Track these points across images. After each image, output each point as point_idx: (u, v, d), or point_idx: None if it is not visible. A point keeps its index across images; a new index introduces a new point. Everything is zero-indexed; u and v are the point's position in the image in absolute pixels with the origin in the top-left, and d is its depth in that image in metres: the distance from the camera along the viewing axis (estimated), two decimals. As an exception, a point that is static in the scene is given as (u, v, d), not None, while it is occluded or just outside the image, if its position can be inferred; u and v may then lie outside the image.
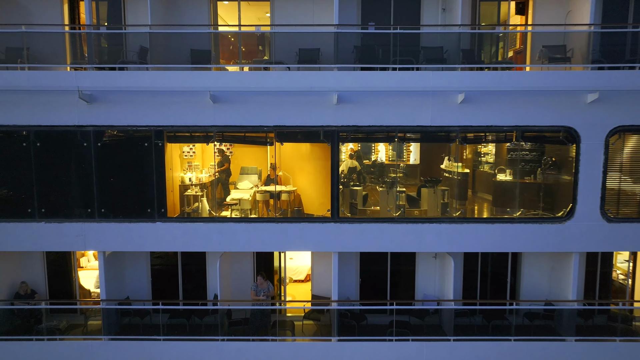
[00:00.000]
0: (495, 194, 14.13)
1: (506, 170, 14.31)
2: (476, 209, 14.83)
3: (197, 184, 13.37)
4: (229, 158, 15.18)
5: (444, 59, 12.16)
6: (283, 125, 11.78)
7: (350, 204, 13.57)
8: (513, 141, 12.22)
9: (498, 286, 13.92)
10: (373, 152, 20.58)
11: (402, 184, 17.80)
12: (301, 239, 12.12)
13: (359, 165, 18.64)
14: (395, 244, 12.16)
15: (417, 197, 13.94)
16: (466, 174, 15.15)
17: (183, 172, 14.03)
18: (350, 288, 13.76)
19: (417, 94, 11.57)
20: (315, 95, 11.57)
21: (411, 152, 20.28)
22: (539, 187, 13.25)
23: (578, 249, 12.13)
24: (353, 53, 12.31)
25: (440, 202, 13.37)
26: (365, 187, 16.45)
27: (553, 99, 11.55)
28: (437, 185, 13.59)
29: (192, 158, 15.92)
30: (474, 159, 17.45)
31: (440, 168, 16.76)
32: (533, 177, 13.78)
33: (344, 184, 13.90)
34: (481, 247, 12.28)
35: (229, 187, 14.51)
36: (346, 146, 20.01)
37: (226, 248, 12.25)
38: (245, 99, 11.63)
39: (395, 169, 19.32)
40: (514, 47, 14.49)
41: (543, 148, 13.85)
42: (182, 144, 13.21)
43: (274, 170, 13.76)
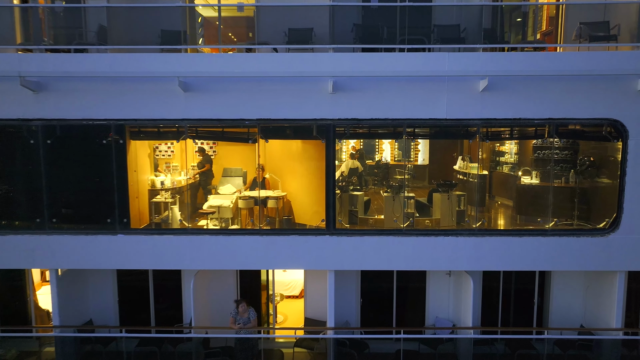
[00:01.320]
0: (518, 200, 12.12)
1: (532, 172, 12.28)
2: (498, 218, 12.80)
3: (169, 189, 11.37)
4: (210, 158, 13.22)
5: (461, 38, 10.14)
6: (268, 119, 9.78)
7: (349, 212, 11.57)
8: (545, 137, 10.15)
9: (523, 306, 11.87)
10: (377, 152, 18.62)
11: (410, 187, 15.90)
12: (290, 254, 10.14)
13: (360, 166, 16.70)
14: (403, 261, 10.14)
15: (428, 204, 11.92)
16: (484, 177, 13.15)
17: (156, 174, 12.06)
18: (349, 310, 11.75)
19: (429, 81, 9.54)
20: (306, 82, 9.57)
21: (419, 151, 18.33)
22: (573, 193, 11.19)
23: (624, 267, 10.07)
24: (352, 32, 10.31)
25: (456, 210, 11.33)
26: (368, 190, 14.52)
27: (595, 86, 9.50)
28: (452, 189, 11.55)
29: (170, 158, 14.00)
30: (490, 159, 15.44)
31: (452, 169, 14.77)
32: (564, 180, 11.74)
33: (342, 189, 11.89)
34: (506, 264, 10.23)
35: (211, 192, 12.54)
36: (347, 144, 18.10)
37: (200, 265, 10.28)
38: (222, 87, 9.65)
39: (401, 170, 17.39)
40: (540, 29, 12.45)
41: (576, 146, 11.81)
42: (149, 141, 11.21)
43: (262, 172, 11.75)
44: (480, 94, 9.48)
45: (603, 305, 10.82)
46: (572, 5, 10.87)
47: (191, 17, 11.35)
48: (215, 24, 15.38)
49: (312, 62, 9.52)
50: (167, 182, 11.97)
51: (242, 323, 10.34)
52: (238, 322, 10.34)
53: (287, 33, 10.59)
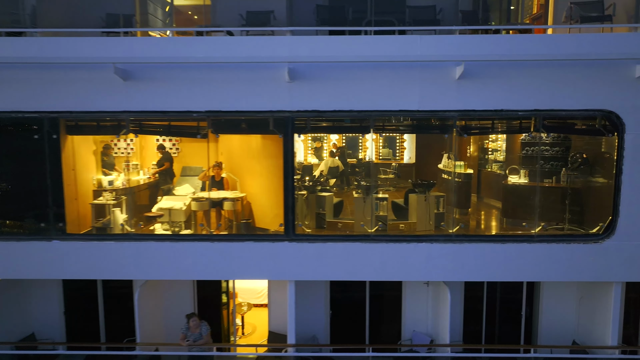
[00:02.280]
0: (505, 202, 10.99)
1: (520, 170, 11.16)
2: (485, 222, 11.68)
3: (115, 189, 10.27)
4: (171, 156, 12.14)
5: (436, 20, 9.03)
6: (218, 111, 8.69)
7: (316, 215, 10.46)
8: (531, 131, 9.02)
9: (510, 318, 10.75)
10: (360, 149, 17.52)
11: (394, 187, 14.79)
12: (244, 263, 9.03)
13: (341, 164, 15.61)
14: (371, 270, 9.02)
15: (405, 206, 10.79)
16: (469, 176, 12.02)
17: (104, 174, 10.97)
18: (318, 323, 10.65)
19: (400, 68, 8.43)
20: (261, 69, 8.49)
21: (405, 148, 17.22)
22: (565, 193, 10.06)
23: (620, 277, 8.93)
24: (315, 14, 9.22)
25: (434, 213, 10.21)
26: (350, 191, 13.41)
27: (587, 73, 8.38)
28: (430, 189, 10.42)
29: (130, 156, 12.91)
30: (480, 157, 14.32)
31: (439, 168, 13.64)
32: (555, 179, 10.62)
33: (309, 189, 10.79)
34: (487, 274, 9.10)
35: (169, 193, 11.46)
36: (328, 141, 17.01)
37: (143, 275, 9.20)
38: (167, 75, 8.57)
39: (386, 170, 16.27)
40: (530, 13, 11.33)
41: (568, 142, 10.69)
42: (88, 135, 10.11)
43: (219, 170, 10.64)
44: (456, 82, 8.37)
45: (598, 320, 9.70)
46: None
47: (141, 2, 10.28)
48: (183, 11, 14.38)
49: (266, 47, 8.44)
50: (119, 181, 10.88)
51: (192, 340, 9.25)
52: (188, 339, 9.25)
53: (244, 16, 9.52)
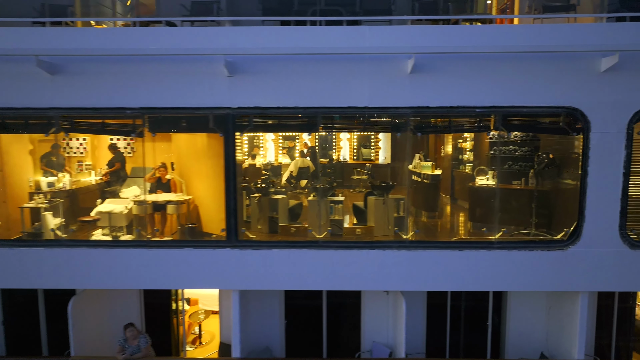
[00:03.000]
0: (471, 205, 10.37)
1: (488, 171, 10.54)
2: (450, 226, 11.06)
3: (53, 191, 9.63)
4: (123, 156, 11.49)
5: (389, 10, 8.40)
6: (153, 108, 8.05)
7: (269, 219, 9.83)
8: (492, 129, 8.39)
9: (476, 327, 10.13)
10: (334, 149, 16.91)
11: (366, 189, 14.14)
12: (185, 271, 8.40)
13: (312, 165, 14.99)
14: (321, 279, 8.39)
15: (365, 210, 10.17)
16: (437, 177, 11.40)
17: (48, 173, 10.33)
18: (272, 333, 10.03)
19: (348, 61, 7.81)
20: (200, 63, 7.87)
21: (380, 148, 16.59)
22: (531, 196, 9.44)
23: (586, 287, 8.31)
24: (260, 3, 8.59)
25: (393, 217, 9.58)
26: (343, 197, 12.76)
27: (549, 67, 7.77)
28: (388, 192, 9.79)
29: (82, 156, 12.28)
30: (454, 157, 13.71)
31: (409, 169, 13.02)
32: (524, 181, 10.01)
33: (262, 191, 10.15)
34: (444, 284, 8.44)
35: (117, 195, 10.82)
36: (300, 140, 16.39)
37: (76, 284, 8.57)
38: (98, 69, 7.93)
39: (359, 170, 15.65)
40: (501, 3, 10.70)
41: (537, 142, 10.08)
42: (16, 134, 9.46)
43: (165, 171, 10.00)
44: (409, 76, 7.75)
45: (566, 330, 9.08)
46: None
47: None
48: (147, 6, 13.71)
49: (203, 38, 7.81)
50: (61, 183, 10.24)
51: (129, 352, 8.61)
52: (125, 352, 8.61)
53: (187, 7, 8.87)
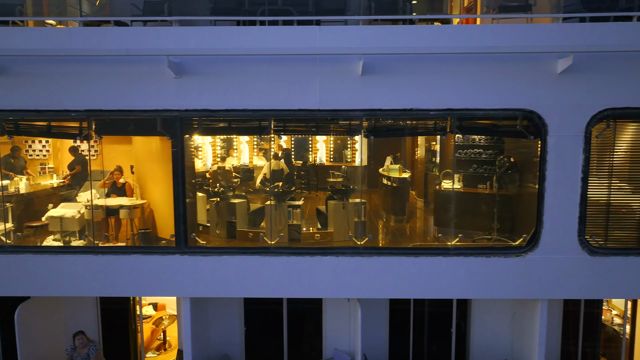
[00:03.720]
0: (436, 209, 10.15)
1: (454, 175, 10.31)
2: (416, 230, 10.85)
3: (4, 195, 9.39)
4: (84, 159, 11.26)
5: (344, 10, 8.18)
6: (99, 110, 7.82)
7: (227, 224, 9.61)
8: (447, 132, 8.16)
9: (441, 334, 9.89)
10: (311, 151, 16.69)
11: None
12: (135, 278, 8.17)
13: (286, 167, 14.77)
14: (272, 286, 8.16)
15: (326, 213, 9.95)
16: (405, 180, 11.19)
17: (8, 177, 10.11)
18: (231, 340, 9.81)
19: (298, 63, 7.59)
20: (147, 64, 7.63)
21: (357, 150, 16.34)
22: (494, 200, 9.22)
23: (544, 295, 8.07)
24: (211, 4, 8.37)
25: (354, 221, 9.35)
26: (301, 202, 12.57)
27: (506, 69, 7.55)
28: (349, 196, 9.57)
29: (45, 159, 12.06)
30: (427, 160, 13.50)
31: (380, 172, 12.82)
32: (489, 185, 9.80)
33: (219, 195, 9.92)
34: (398, 291, 8.20)
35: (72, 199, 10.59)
36: (276, 142, 16.15)
37: (22, 292, 8.33)
38: (41, 69, 7.71)
39: (335, 173, 15.43)
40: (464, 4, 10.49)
41: (502, 145, 9.86)
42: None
43: (120, 175, 9.78)
44: (361, 78, 7.52)
45: (528, 337, 8.85)
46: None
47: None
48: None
49: (149, 38, 7.58)
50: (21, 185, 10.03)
51: (83, 358, 8.39)
52: (74, 359, 8.39)
53: (139, 6, 8.65)
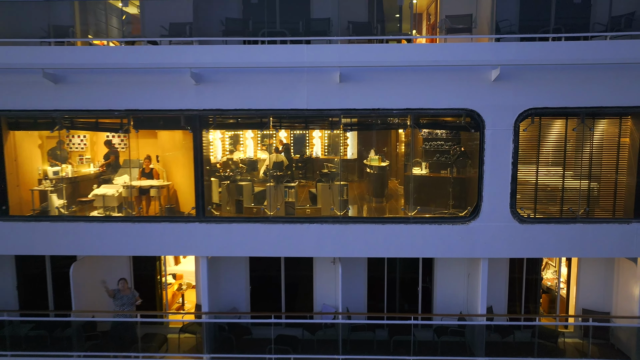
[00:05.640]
0: (405, 191, 12.34)
1: (422, 163, 12.52)
2: (396, 208, 13.03)
3: (57, 179, 11.69)
4: (117, 150, 13.55)
5: (328, 31, 10.40)
6: (137, 110, 10.11)
7: (236, 202, 11.87)
8: (407, 127, 10.37)
9: (410, 295, 12.11)
10: (307, 145, 18.88)
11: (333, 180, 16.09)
12: (163, 240, 10.45)
13: (286, 159, 16.96)
14: (270, 247, 10.42)
15: (316, 194, 12.19)
16: (384, 168, 13.40)
17: (54, 164, 12.41)
18: (239, 296, 12.08)
19: (290, 73, 9.81)
20: (173, 74, 9.87)
21: (348, 145, 18.55)
22: (449, 182, 11.42)
23: (484, 254, 10.28)
24: (223, 26, 10.62)
25: (338, 200, 11.57)
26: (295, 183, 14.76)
27: (451, 77, 9.72)
28: (333, 179, 11.81)
29: (83, 151, 14.35)
30: (406, 152, 15.67)
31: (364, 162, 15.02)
32: (449, 170, 11.98)
33: (230, 178, 12.20)
34: (369, 251, 10.47)
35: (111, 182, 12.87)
36: (277, 138, 18.39)
37: (75, 251, 10.66)
38: (94, 79, 9.98)
39: (329, 165, 17.64)
40: (430, 21, 12.67)
41: (458, 137, 12.05)
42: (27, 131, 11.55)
43: (149, 162, 12.08)
44: (338, 85, 9.73)
45: (476, 292, 11.02)
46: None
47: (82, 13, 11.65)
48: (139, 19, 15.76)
49: (174, 54, 9.84)
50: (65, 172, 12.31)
51: (126, 300, 10.65)
52: (118, 299, 10.61)
53: (166, 27, 10.90)
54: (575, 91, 9.60)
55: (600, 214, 10.57)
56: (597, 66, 9.48)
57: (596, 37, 10.11)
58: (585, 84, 9.57)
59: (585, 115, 9.92)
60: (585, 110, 9.79)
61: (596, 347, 11.09)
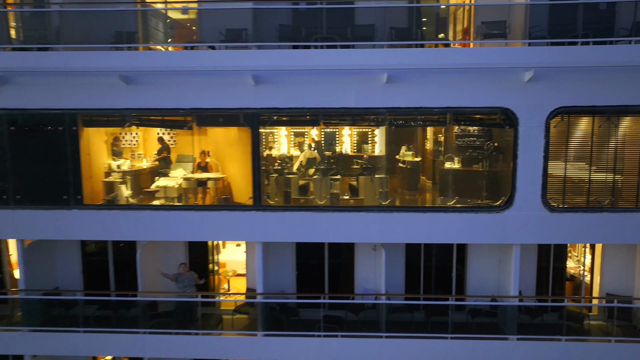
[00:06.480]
0: (441, 184, 13.29)
1: (454, 158, 13.46)
2: (425, 199, 13.99)
3: (123, 171, 12.82)
4: (168, 146, 14.64)
5: (373, 37, 11.37)
6: (200, 108, 11.16)
7: (284, 193, 12.89)
8: (447, 124, 11.34)
9: (445, 281, 13.07)
10: (337, 143, 19.85)
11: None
12: (222, 228, 11.52)
13: (318, 156, 17.97)
14: (320, 233, 11.45)
15: (357, 187, 13.16)
16: (417, 163, 14.35)
17: (116, 159, 13.54)
18: (286, 281, 13.10)
19: (340, 74, 10.80)
20: (233, 75, 10.90)
21: (376, 142, 19.51)
22: (482, 175, 12.35)
23: (517, 240, 11.21)
24: (277, 31, 11.63)
25: (379, 191, 12.56)
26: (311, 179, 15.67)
27: (488, 78, 10.65)
28: (375, 172, 12.79)
29: (135, 147, 15.46)
30: (434, 148, 16.60)
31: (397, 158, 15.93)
32: (481, 165, 12.91)
33: (278, 172, 13.24)
34: (411, 237, 11.47)
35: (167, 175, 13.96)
36: (309, 136, 19.40)
37: (143, 236, 11.74)
38: (161, 80, 11.04)
39: (358, 161, 18.64)
40: (464, 26, 13.60)
41: (490, 133, 12.97)
42: (102, 128, 12.69)
43: (204, 156, 13.15)
44: (384, 85, 10.68)
45: (508, 278, 11.94)
46: (480, 6, 12.05)
47: (143, 20, 12.71)
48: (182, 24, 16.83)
49: (236, 58, 10.87)
50: (125, 166, 13.42)
51: (187, 282, 11.74)
52: (180, 281, 11.71)
53: (223, 33, 11.93)
54: (602, 91, 10.51)
55: (624, 204, 11.44)
56: (622, 68, 10.37)
57: (620, 42, 10.97)
58: (611, 84, 10.47)
59: (611, 113, 10.83)
60: (611, 108, 10.70)
61: (619, 328, 11.97)
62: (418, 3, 12.12)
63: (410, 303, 12.36)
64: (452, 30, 13.34)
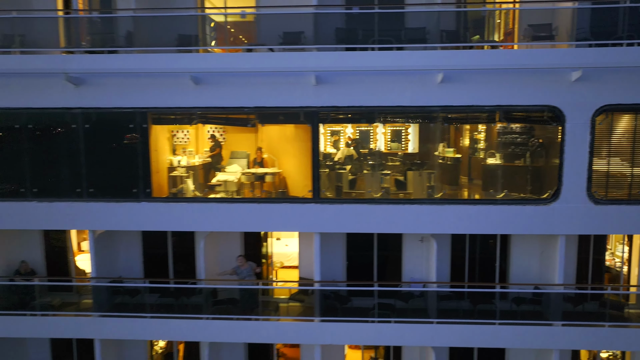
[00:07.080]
0: (484, 178, 13.94)
1: (496, 154, 14.11)
2: (466, 193, 14.64)
3: (184, 166, 13.59)
4: (220, 144, 15.40)
5: (425, 39, 12.05)
6: (263, 107, 11.89)
7: (335, 187, 13.59)
8: (496, 121, 12.00)
9: (488, 271, 13.71)
10: (371, 141, 20.52)
11: (399, 170, 17.72)
12: (282, 219, 12.23)
13: (355, 153, 18.67)
14: (375, 224, 12.13)
15: (405, 181, 13.84)
16: (457, 159, 15.01)
17: (174, 155, 14.31)
18: (337, 271, 13.78)
19: (396, 74, 11.50)
20: (295, 76, 11.63)
21: (409, 140, 20.16)
22: (527, 170, 12.99)
23: (563, 231, 11.84)
24: (334, 35, 12.33)
25: (426, 185, 13.23)
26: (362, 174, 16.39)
27: (536, 78, 11.31)
28: (422, 168, 13.47)
29: (186, 144, 16.22)
30: (471, 146, 17.22)
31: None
32: (524, 160, 13.55)
33: (330, 167, 13.95)
34: (462, 228, 12.12)
35: (221, 171, 14.71)
36: (344, 134, 20.11)
37: (208, 227, 12.48)
38: (226, 80, 11.77)
39: (393, 158, 19.32)
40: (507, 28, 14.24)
41: (533, 130, 13.60)
42: (168, 125, 13.48)
43: (260, 152, 13.90)
44: (438, 85, 11.36)
45: (553, 267, 12.55)
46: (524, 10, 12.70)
47: (203, 23, 13.48)
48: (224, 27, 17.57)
49: (298, 60, 11.59)
50: (183, 162, 14.19)
51: (246, 273, 12.48)
52: (240, 275, 12.45)
53: (281, 36, 12.65)
54: (645, 90, 11.15)
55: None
56: (665, 68, 11.02)
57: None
58: (653, 83, 11.11)
59: (653, 110, 11.47)
60: (653, 106, 11.34)
61: (658, 315, 12.60)
62: (465, 7, 12.79)
63: (458, 290, 13.01)
64: (497, 32, 13.97)
